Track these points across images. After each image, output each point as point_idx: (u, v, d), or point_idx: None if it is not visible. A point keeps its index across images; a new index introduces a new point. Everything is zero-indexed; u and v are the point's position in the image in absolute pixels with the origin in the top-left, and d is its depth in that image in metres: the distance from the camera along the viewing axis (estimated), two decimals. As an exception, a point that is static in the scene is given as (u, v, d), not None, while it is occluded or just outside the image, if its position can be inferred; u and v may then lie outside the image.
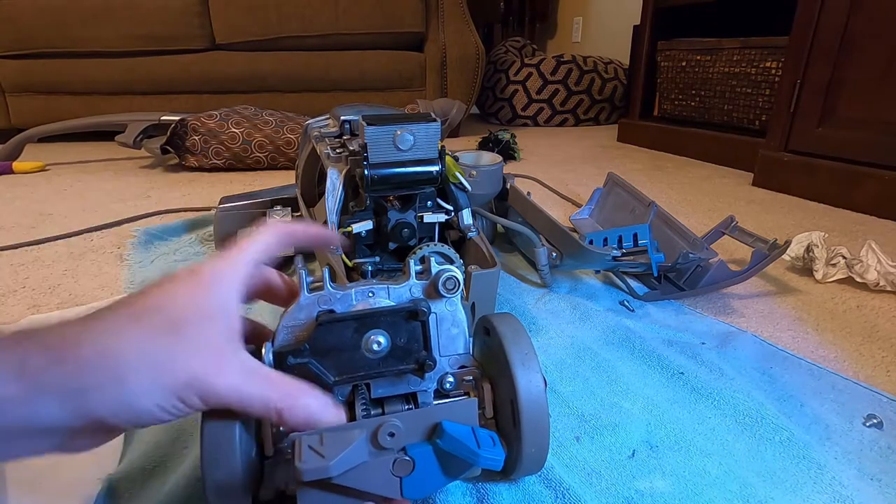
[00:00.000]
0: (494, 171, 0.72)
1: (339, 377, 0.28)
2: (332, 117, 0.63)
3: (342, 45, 1.83)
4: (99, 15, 1.67)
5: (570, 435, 0.39)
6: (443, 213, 0.52)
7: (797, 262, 0.69)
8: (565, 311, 0.58)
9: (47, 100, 1.74)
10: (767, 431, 0.39)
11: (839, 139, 1.00)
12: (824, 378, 0.46)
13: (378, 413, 0.29)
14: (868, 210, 0.96)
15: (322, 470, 0.22)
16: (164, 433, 0.38)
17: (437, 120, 0.47)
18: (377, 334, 0.28)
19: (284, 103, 1.73)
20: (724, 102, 1.45)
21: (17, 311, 0.59)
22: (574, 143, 1.81)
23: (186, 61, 1.75)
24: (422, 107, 1.66)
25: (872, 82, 0.94)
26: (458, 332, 0.30)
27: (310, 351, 0.27)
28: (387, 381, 0.29)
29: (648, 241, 0.59)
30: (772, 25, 1.25)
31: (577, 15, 2.72)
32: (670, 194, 1.11)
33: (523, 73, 2.21)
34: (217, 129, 1.34)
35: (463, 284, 0.29)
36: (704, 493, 0.34)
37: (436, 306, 0.29)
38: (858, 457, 0.37)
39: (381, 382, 0.29)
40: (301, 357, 0.27)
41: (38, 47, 1.67)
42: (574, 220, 0.88)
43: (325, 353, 0.27)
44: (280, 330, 0.28)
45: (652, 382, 0.45)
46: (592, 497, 0.33)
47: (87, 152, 1.58)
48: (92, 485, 0.34)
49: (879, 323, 0.56)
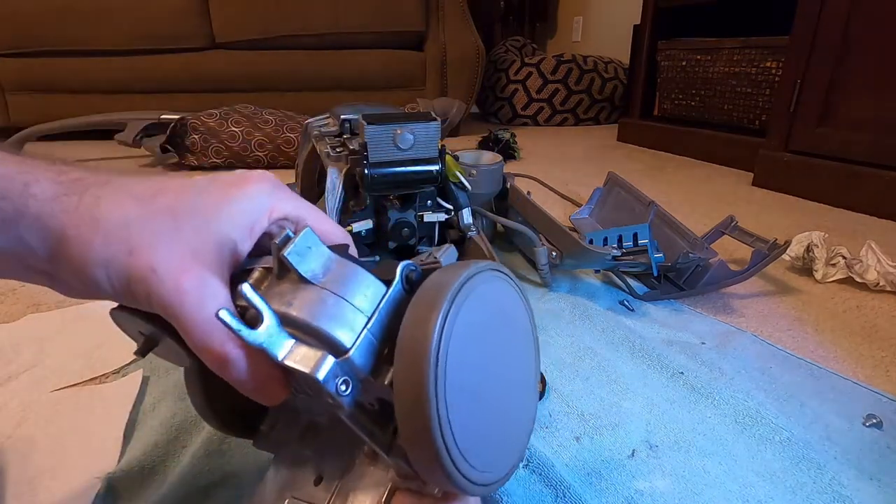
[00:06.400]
0: (494, 170, 0.72)
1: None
2: (332, 116, 0.63)
3: (342, 44, 1.83)
4: (99, 14, 1.66)
5: (570, 435, 0.39)
6: (443, 213, 0.52)
7: (797, 262, 0.69)
8: (565, 310, 0.58)
9: (47, 98, 1.73)
10: (767, 431, 0.39)
11: (839, 139, 1.00)
12: (824, 378, 0.46)
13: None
14: (868, 210, 0.96)
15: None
16: (164, 433, 0.38)
17: (437, 119, 0.47)
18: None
19: (284, 102, 1.73)
20: (724, 102, 1.45)
21: (16, 311, 0.58)
22: (574, 143, 1.81)
23: (186, 60, 1.75)
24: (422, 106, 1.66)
25: (872, 82, 0.94)
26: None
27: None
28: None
29: (648, 240, 0.59)
30: (772, 25, 1.25)
31: (578, 14, 2.72)
32: (670, 194, 1.11)
33: (523, 72, 2.21)
34: (217, 128, 1.34)
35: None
36: (704, 493, 0.34)
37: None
38: (858, 457, 0.37)
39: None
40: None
41: (37, 46, 1.67)
42: (574, 220, 0.88)
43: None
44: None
45: (652, 382, 0.45)
46: (592, 497, 0.33)
47: (86, 151, 1.58)
48: (92, 484, 0.34)
49: (879, 323, 0.56)
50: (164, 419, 0.40)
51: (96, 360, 0.48)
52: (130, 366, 0.48)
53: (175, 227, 0.20)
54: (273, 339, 0.19)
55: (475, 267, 0.21)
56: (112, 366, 0.47)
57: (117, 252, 0.20)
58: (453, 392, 0.18)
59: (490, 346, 0.21)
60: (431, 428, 0.18)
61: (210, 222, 0.21)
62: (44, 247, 0.20)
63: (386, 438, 0.22)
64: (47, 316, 0.57)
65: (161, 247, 0.20)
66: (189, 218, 0.21)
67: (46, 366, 0.47)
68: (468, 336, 0.19)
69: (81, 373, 0.46)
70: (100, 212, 0.20)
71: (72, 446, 0.38)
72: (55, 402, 0.43)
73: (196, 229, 0.21)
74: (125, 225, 0.20)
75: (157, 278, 0.19)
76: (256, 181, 0.23)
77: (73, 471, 0.35)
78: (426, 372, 0.18)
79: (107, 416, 0.41)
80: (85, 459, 0.36)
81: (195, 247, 0.20)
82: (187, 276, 0.20)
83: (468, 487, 0.19)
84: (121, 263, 0.20)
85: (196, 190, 0.22)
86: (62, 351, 0.50)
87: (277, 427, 0.28)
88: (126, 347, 0.25)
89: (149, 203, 0.21)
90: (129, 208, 0.20)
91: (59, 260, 0.20)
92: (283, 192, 0.24)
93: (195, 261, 0.20)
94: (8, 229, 0.19)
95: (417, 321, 0.19)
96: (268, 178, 0.24)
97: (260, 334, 0.19)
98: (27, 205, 0.19)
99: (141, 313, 0.22)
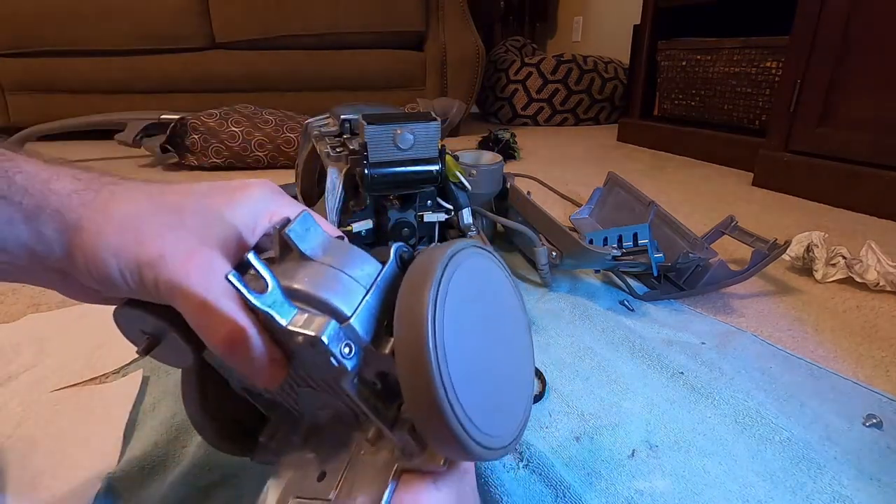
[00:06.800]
0: (494, 170, 0.72)
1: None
2: (331, 116, 0.63)
3: (342, 43, 1.83)
4: (99, 14, 1.66)
5: (570, 435, 0.39)
6: (443, 213, 0.52)
7: (797, 262, 0.69)
8: (565, 310, 0.58)
9: (47, 98, 1.73)
10: (767, 431, 0.39)
11: (839, 139, 1.00)
12: (824, 378, 0.46)
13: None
14: (868, 210, 0.96)
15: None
16: (164, 433, 0.38)
17: (437, 119, 0.47)
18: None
19: (284, 102, 1.73)
20: (724, 102, 1.45)
21: (16, 310, 0.58)
22: (574, 143, 1.81)
23: (186, 60, 1.75)
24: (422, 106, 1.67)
25: (872, 82, 0.94)
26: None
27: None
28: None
29: (648, 240, 0.59)
30: (772, 25, 1.25)
31: (577, 14, 2.72)
32: (670, 194, 1.11)
33: (523, 72, 2.21)
34: (217, 128, 1.34)
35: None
36: (704, 493, 0.34)
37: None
38: (858, 457, 0.37)
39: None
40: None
41: (37, 46, 1.67)
42: (574, 220, 0.88)
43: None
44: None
45: (652, 382, 0.45)
46: (592, 497, 0.33)
47: (86, 151, 1.58)
48: (92, 484, 0.34)
49: (879, 323, 0.56)
50: (164, 419, 0.40)
51: (96, 360, 0.48)
52: (130, 366, 0.48)
53: (181, 220, 0.22)
54: (278, 306, 0.20)
55: (461, 243, 0.22)
56: (112, 366, 0.47)
57: (128, 241, 0.21)
58: (452, 351, 0.19)
59: (482, 313, 0.22)
60: (434, 382, 0.18)
61: (215, 219, 0.23)
62: (60, 240, 0.21)
63: (391, 413, 0.22)
64: (47, 316, 0.57)
65: (169, 235, 0.21)
66: (195, 214, 0.22)
67: (46, 366, 0.48)
68: (462, 301, 0.20)
69: (81, 373, 0.46)
70: (114, 205, 0.21)
71: (72, 446, 0.38)
72: (55, 402, 0.43)
73: (201, 222, 0.22)
74: (136, 217, 0.21)
75: (165, 262, 0.21)
76: (258, 186, 0.25)
77: (73, 471, 0.35)
78: (425, 330, 0.18)
79: (107, 416, 0.41)
80: (85, 459, 0.36)
81: (201, 235, 0.22)
82: (194, 259, 0.21)
83: (472, 446, 0.20)
84: (131, 252, 0.21)
85: (202, 192, 0.24)
86: (62, 351, 0.50)
87: (277, 437, 0.27)
88: (126, 347, 0.25)
89: (158, 199, 0.22)
90: (141, 203, 0.22)
91: (73, 252, 0.21)
92: (283, 198, 0.26)
93: (201, 245, 0.22)
94: (30, 223, 0.21)
95: (413, 288, 0.20)
96: (269, 185, 0.26)
97: (266, 298, 0.19)
98: (48, 200, 0.21)
99: (147, 306, 0.23)
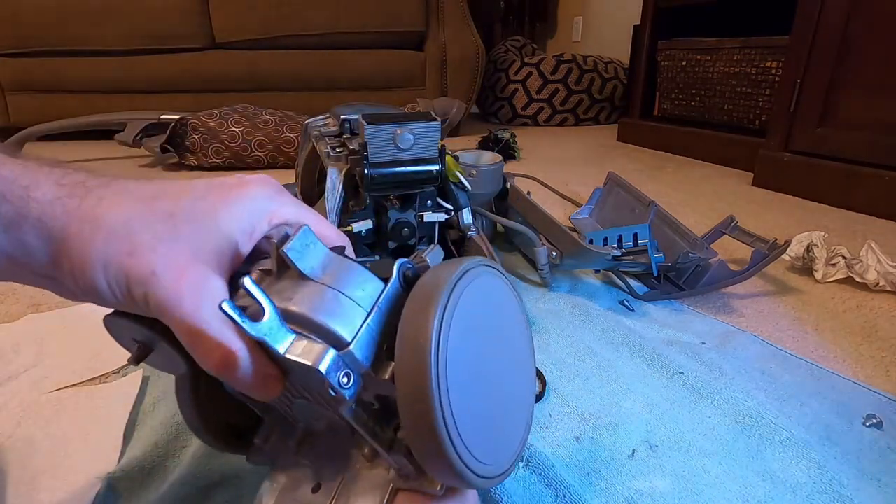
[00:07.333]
0: (494, 170, 0.72)
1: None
2: (331, 116, 0.63)
3: (342, 43, 1.83)
4: (99, 13, 1.66)
5: (570, 435, 0.39)
6: (443, 213, 0.52)
7: (797, 262, 0.69)
8: (565, 310, 0.58)
9: (47, 98, 1.73)
10: (767, 431, 0.39)
11: (839, 139, 1.00)
12: (824, 378, 0.46)
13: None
14: (868, 210, 0.96)
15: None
16: (164, 433, 0.38)
17: (437, 119, 0.47)
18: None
19: (284, 102, 1.73)
20: (725, 102, 1.45)
21: (16, 310, 0.58)
22: (574, 143, 1.81)
23: (186, 60, 1.75)
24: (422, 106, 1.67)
25: (872, 82, 0.94)
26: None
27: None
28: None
29: (648, 240, 0.59)
30: (772, 25, 1.25)
31: (577, 14, 2.72)
32: (670, 194, 1.11)
33: (523, 72, 2.21)
34: (217, 128, 1.34)
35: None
36: (704, 493, 0.34)
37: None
38: (858, 457, 0.37)
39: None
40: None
41: (37, 46, 1.67)
42: (574, 220, 0.88)
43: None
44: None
45: (652, 382, 0.45)
46: (592, 497, 0.33)
47: (86, 151, 1.58)
48: (92, 484, 0.34)
49: (879, 323, 0.56)
50: (164, 419, 0.40)
51: (96, 360, 0.48)
52: (130, 366, 0.48)
53: (174, 230, 0.20)
54: (274, 333, 0.19)
55: (469, 262, 0.21)
56: (112, 366, 0.47)
57: (117, 252, 0.19)
58: (454, 381, 0.18)
59: (487, 339, 0.21)
60: (434, 414, 0.18)
61: (209, 225, 0.21)
62: (45, 250, 0.19)
63: (388, 435, 0.22)
64: (47, 316, 0.57)
65: (160, 248, 0.20)
66: (188, 221, 0.21)
67: (46, 366, 0.47)
68: (466, 328, 0.20)
69: (81, 373, 0.46)
70: (102, 210, 0.20)
71: (72, 446, 0.38)
72: (55, 402, 0.43)
73: (195, 231, 0.21)
74: (126, 224, 0.20)
75: (157, 280, 0.19)
76: (257, 185, 0.23)
77: (73, 471, 0.35)
78: (428, 361, 0.18)
79: (107, 416, 0.41)
80: (85, 459, 0.36)
81: (195, 248, 0.20)
82: (186, 277, 0.20)
83: (470, 478, 0.19)
84: (120, 264, 0.19)
85: (196, 193, 0.22)
86: (62, 351, 0.50)
87: (272, 439, 0.27)
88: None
89: (149, 204, 0.21)
90: (130, 208, 0.20)
91: (60, 262, 0.20)
92: (284, 196, 0.24)
93: (195, 261, 0.20)
94: (9, 232, 0.19)
95: (417, 313, 0.19)
96: (269, 183, 0.24)
97: (262, 327, 0.19)
98: (28, 208, 0.19)
99: (136, 318, 0.22)
